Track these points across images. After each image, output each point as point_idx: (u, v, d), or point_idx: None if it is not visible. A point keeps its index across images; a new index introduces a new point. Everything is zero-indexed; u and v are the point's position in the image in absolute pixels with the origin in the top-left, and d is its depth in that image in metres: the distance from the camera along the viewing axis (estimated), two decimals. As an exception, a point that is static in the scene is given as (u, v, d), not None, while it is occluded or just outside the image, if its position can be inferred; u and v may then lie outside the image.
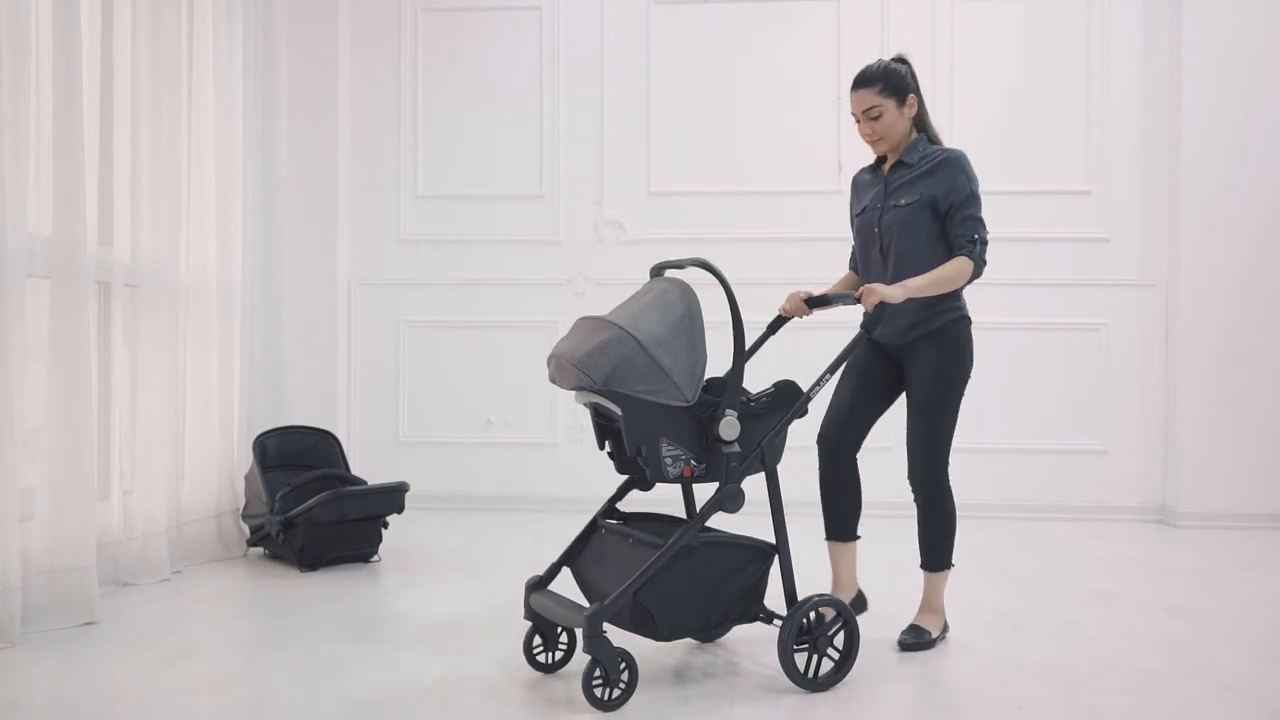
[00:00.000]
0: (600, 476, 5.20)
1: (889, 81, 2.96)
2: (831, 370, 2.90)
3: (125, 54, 3.63)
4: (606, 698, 2.37)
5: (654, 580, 2.43)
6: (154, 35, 3.74)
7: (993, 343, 5.13)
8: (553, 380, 2.58)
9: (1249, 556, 4.21)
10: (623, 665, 2.39)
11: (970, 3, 5.16)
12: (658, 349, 2.48)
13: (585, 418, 5.26)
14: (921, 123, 3.06)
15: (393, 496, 3.97)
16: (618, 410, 2.46)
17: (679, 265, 2.80)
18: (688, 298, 2.65)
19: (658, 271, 2.89)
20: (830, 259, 5.21)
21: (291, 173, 5.08)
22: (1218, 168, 4.92)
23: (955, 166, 2.94)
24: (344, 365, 5.30)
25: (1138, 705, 2.42)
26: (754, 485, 2.68)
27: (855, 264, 3.23)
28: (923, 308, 2.90)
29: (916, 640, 2.89)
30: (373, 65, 5.35)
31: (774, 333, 3.20)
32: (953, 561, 3.01)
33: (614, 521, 2.80)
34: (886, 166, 3.07)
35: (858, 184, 3.21)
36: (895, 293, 2.77)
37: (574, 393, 2.54)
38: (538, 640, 2.66)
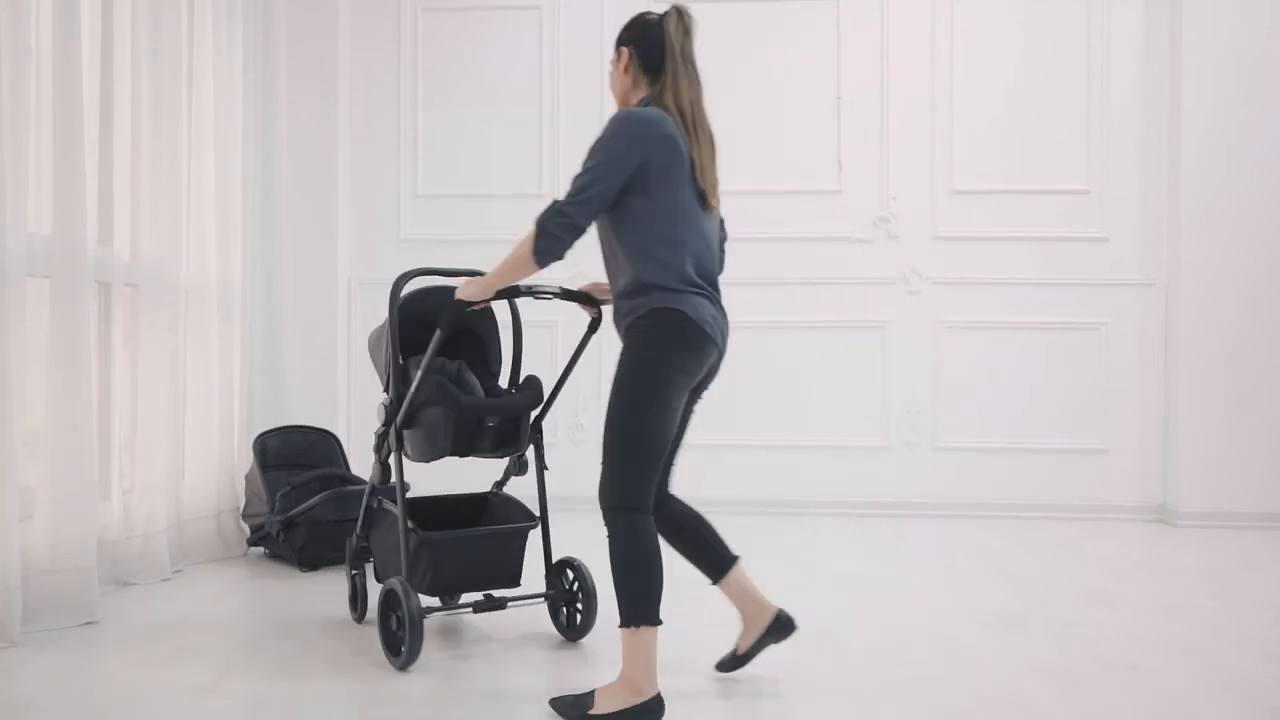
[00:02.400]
0: (598, 476, 5.21)
1: (620, 37, 2.64)
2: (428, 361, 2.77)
3: (125, 54, 3.63)
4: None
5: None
6: (154, 35, 3.74)
7: (993, 343, 5.16)
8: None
9: (1249, 556, 4.21)
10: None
11: (970, 3, 5.16)
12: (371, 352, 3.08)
13: (585, 418, 5.26)
14: (659, 87, 2.59)
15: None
16: None
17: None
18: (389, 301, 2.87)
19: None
20: (830, 259, 5.25)
21: (291, 173, 5.09)
22: (1218, 167, 4.92)
23: (602, 131, 2.51)
24: (344, 365, 5.30)
25: (1138, 705, 2.42)
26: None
27: None
28: (619, 303, 2.48)
29: (566, 705, 2.32)
30: (373, 65, 5.35)
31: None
32: (656, 619, 2.30)
33: None
34: None
35: None
36: (471, 289, 2.56)
37: None
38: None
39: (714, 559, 2.65)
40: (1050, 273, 5.12)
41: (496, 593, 2.92)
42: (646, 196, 2.41)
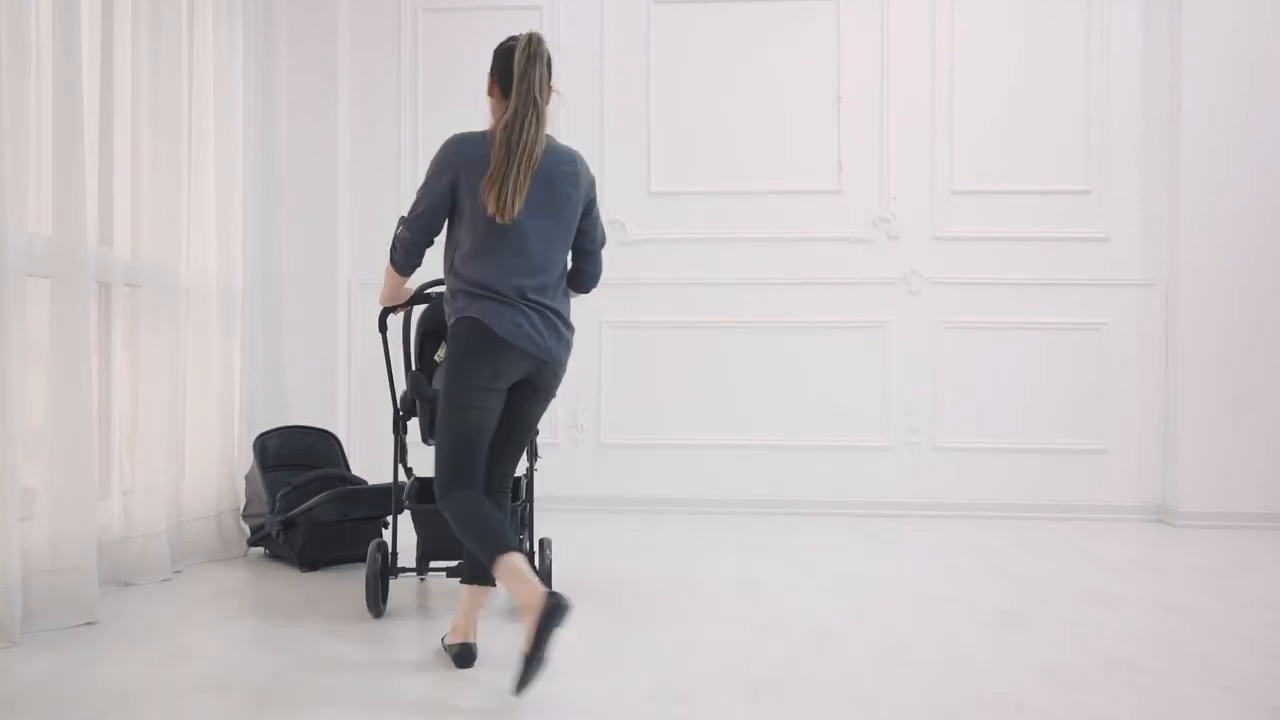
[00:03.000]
0: (598, 476, 5.22)
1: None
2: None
3: (125, 54, 3.63)
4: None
5: None
6: (154, 35, 3.74)
7: (994, 343, 5.16)
8: None
9: (1249, 556, 4.21)
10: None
11: (970, 3, 5.16)
12: None
13: (584, 418, 5.26)
14: (503, 110, 2.75)
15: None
16: None
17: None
18: None
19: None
20: (830, 259, 5.25)
21: (291, 173, 5.09)
22: (1218, 167, 4.92)
23: None
24: (344, 365, 5.30)
25: (1138, 705, 2.42)
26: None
27: None
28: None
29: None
30: (373, 65, 5.35)
31: None
32: (491, 580, 2.68)
33: None
34: None
35: None
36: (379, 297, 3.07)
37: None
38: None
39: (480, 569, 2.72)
40: (1050, 273, 5.12)
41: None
42: (458, 213, 2.67)
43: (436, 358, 3.42)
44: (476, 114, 5.31)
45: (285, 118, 5.04)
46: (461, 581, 2.76)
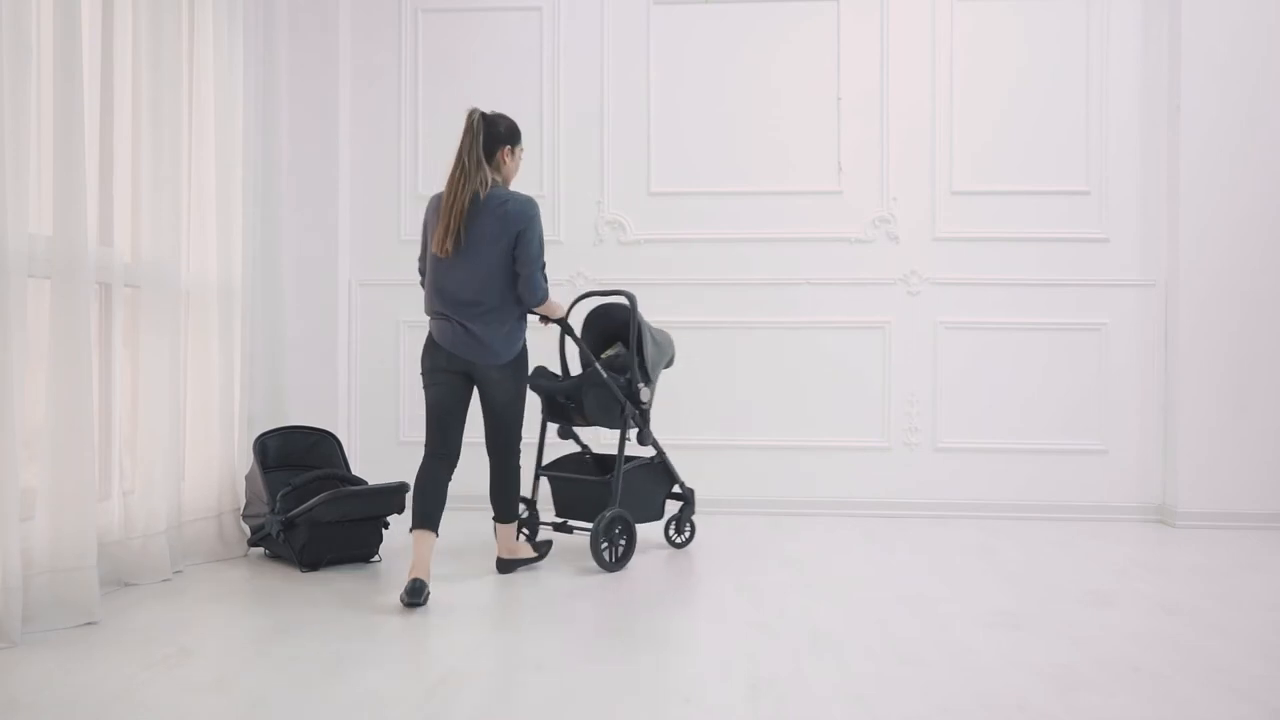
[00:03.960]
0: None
1: None
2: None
3: (125, 54, 3.63)
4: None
5: None
6: (154, 35, 3.74)
7: (994, 343, 5.16)
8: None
9: (1249, 556, 4.22)
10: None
11: (970, 3, 5.16)
12: None
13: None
14: None
15: (393, 497, 3.97)
16: None
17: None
18: None
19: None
20: (830, 259, 5.25)
21: (292, 173, 5.09)
22: (1218, 168, 4.92)
23: None
24: (344, 365, 5.30)
25: (1138, 705, 2.42)
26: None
27: None
28: None
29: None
30: (373, 65, 5.35)
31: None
32: (421, 525, 3.48)
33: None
34: None
35: None
36: None
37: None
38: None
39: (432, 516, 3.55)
40: (1050, 273, 5.12)
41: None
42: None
43: (605, 355, 4.15)
44: (476, 114, 5.34)
45: (285, 118, 5.04)
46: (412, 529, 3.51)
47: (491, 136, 3.56)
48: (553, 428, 4.17)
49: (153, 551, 3.64)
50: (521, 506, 4.03)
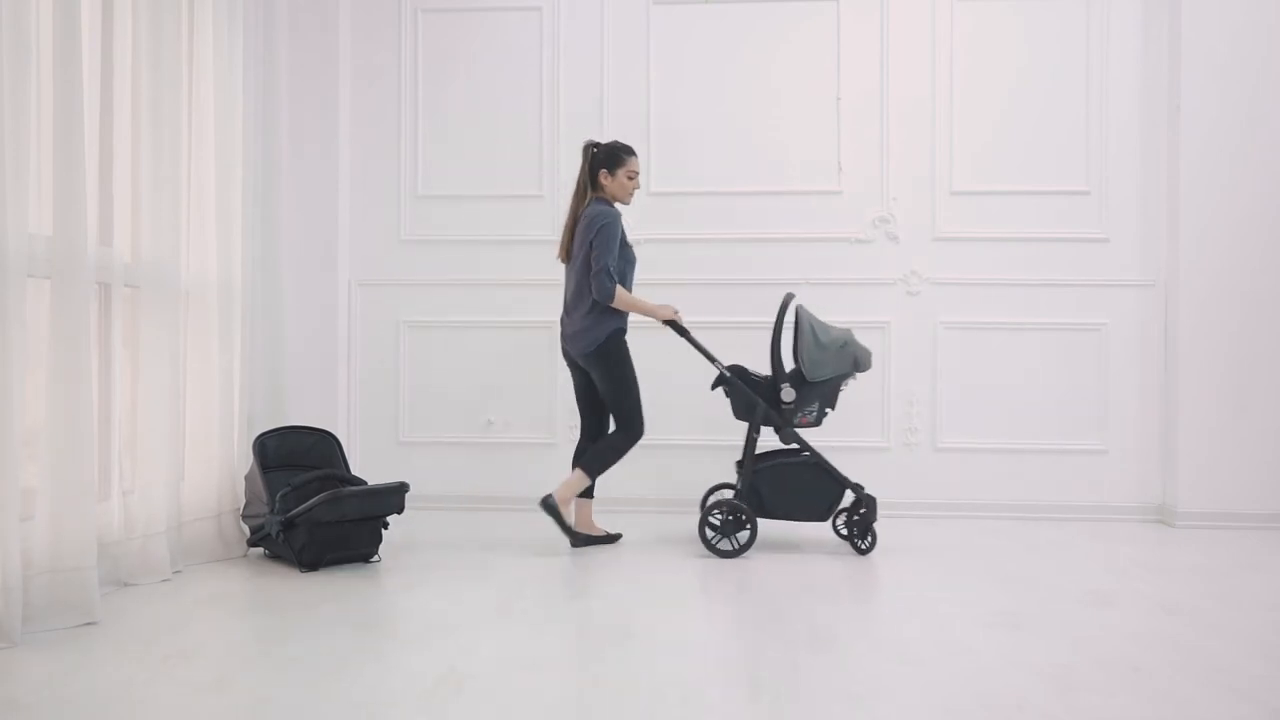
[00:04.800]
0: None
1: None
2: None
3: (125, 54, 3.63)
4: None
5: None
6: (154, 35, 3.74)
7: (992, 342, 5.16)
8: (863, 366, 4.20)
9: (1249, 556, 4.22)
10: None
11: (970, 3, 5.16)
12: None
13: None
14: None
15: (393, 497, 3.97)
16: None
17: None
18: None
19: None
20: (830, 259, 5.25)
21: (292, 173, 5.09)
22: (1218, 168, 4.92)
23: None
24: (344, 365, 5.30)
25: (1138, 705, 2.42)
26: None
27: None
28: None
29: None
30: (373, 65, 5.35)
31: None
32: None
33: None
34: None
35: (622, 225, 4.27)
36: None
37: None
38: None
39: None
40: (1050, 273, 5.12)
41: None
42: None
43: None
44: (476, 114, 5.37)
45: (285, 118, 5.04)
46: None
47: (593, 162, 4.28)
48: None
49: (153, 551, 3.64)
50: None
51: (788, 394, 4.14)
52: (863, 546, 4.17)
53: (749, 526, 4.10)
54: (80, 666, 2.68)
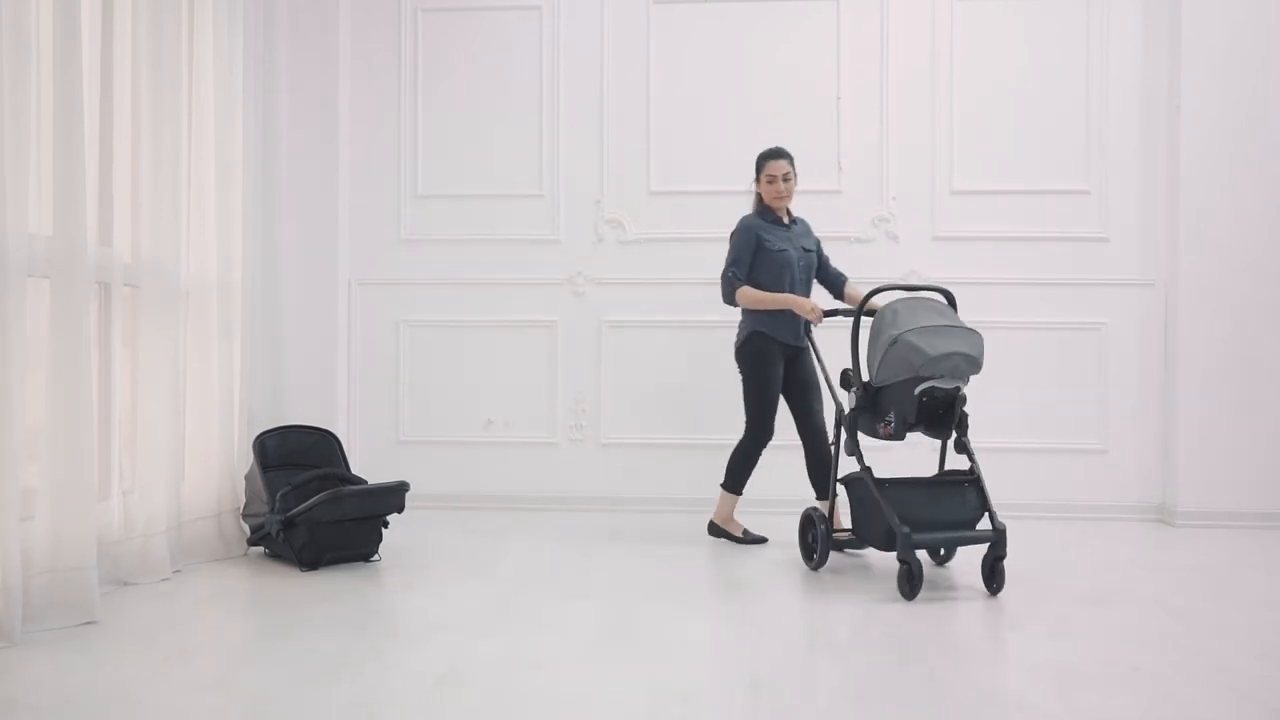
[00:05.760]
0: (598, 476, 5.22)
1: (791, 159, 4.33)
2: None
3: (125, 54, 3.64)
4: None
5: None
6: (154, 35, 3.74)
7: (992, 342, 5.13)
8: (952, 373, 3.48)
9: (1249, 556, 4.22)
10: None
11: (970, 3, 5.16)
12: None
13: (584, 418, 5.26)
14: None
15: (393, 496, 3.97)
16: (963, 389, 3.54)
17: (916, 289, 3.89)
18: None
19: (882, 290, 3.86)
20: (831, 259, 5.24)
21: (291, 172, 5.08)
22: (1218, 167, 4.92)
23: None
24: (344, 365, 5.30)
25: (1138, 705, 2.42)
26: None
27: (750, 282, 4.26)
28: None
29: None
30: (373, 65, 5.35)
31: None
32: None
33: (889, 479, 3.66)
34: (786, 221, 4.35)
35: (767, 229, 4.27)
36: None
37: (945, 380, 3.48)
38: (908, 575, 3.39)
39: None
40: (1050, 273, 5.12)
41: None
42: None
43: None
44: (476, 114, 5.37)
45: (285, 117, 5.03)
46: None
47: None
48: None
49: (152, 551, 3.64)
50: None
51: (843, 398, 3.89)
52: (990, 587, 3.53)
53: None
54: (80, 666, 2.68)
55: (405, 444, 5.32)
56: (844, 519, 4.15)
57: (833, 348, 4.36)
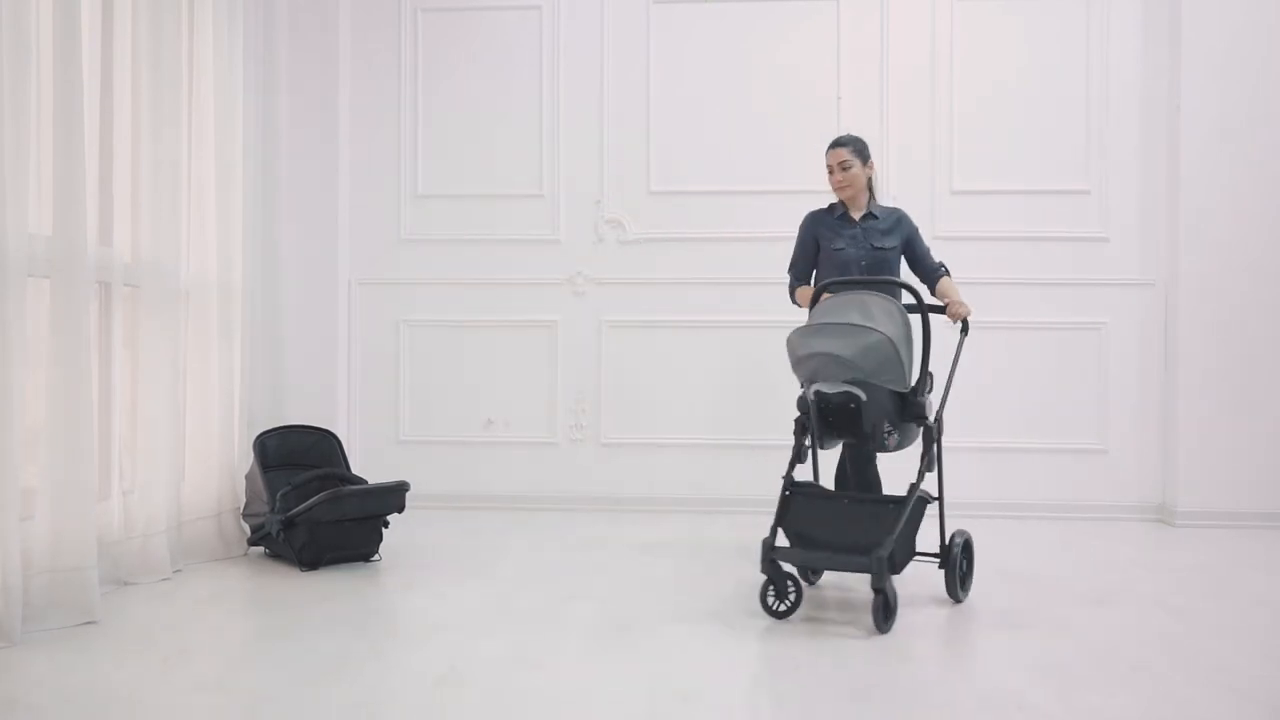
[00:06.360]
0: (598, 476, 5.22)
1: (857, 145, 3.89)
2: (954, 366, 3.61)
3: (125, 54, 3.64)
4: (890, 619, 2.99)
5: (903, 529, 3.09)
6: (154, 35, 3.74)
7: (993, 342, 5.15)
8: (813, 376, 3.18)
9: (1249, 556, 4.21)
10: (894, 598, 3.02)
11: (970, 3, 5.16)
12: (901, 348, 3.15)
13: (584, 418, 5.26)
14: (871, 186, 3.91)
15: (393, 496, 3.97)
16: (864, 397, 3.12)
17: (867, 284, 3.44)
18: (902, 309, 3.25)
19: (835, 288, 3.48)
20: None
21: (291, 172, 5.09)
22: (1217, 167, 4.92)
23: (910, 219, 3.91)
24: (344, 365, 5.30)
25: (1138, 705, 2.42)
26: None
27: (805, 281, 3.93)
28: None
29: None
30: (373, 65, 5.35)
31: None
32: None
33: (805, 489, 3.34)
34: (857, 216, 3.87)
35: (823, 224, 3.91)
36: (969, 308, 3.73)
37: (824, 384, 3.15)
38: (772, 592, 3.14)
39: None
40: (1050, 273, 5.12)
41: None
42: None
43: None
44: (476, 113, 5.36)
45: (285, 118, 5.04)
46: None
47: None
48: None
49: (152, 551, 3.64)
50: None
51: (930, 408, 3.36)
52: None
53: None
54: (80, 666, 2.69)
55: (405, 444, 5.32)
56: None
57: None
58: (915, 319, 3.35)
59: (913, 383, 3.25)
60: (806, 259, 3.93)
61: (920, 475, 3.26)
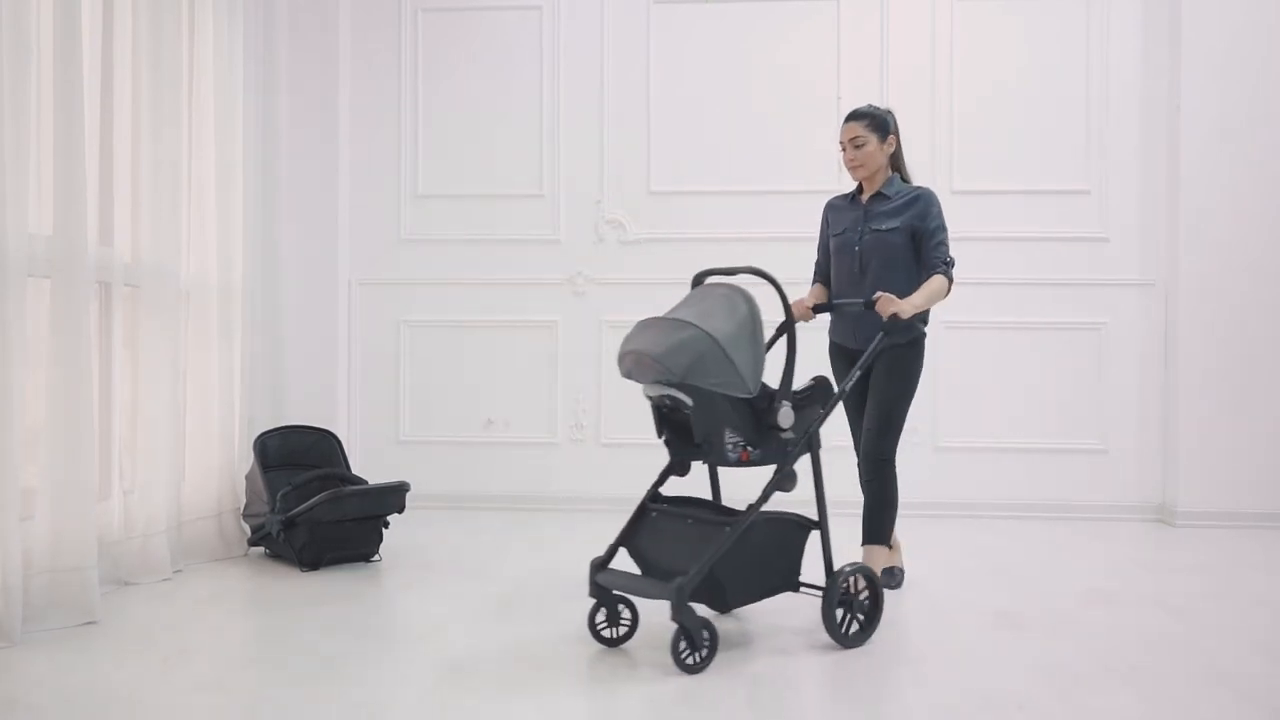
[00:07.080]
0: (598, 476, 5.22)
1: (874, 119, 3.46)
2: (861, 368, 3.20)
3: (125, 54, 3.64)
4: (694, 662, 2.59)
5: (727, 554, 2.68)
6: (154, 35, 3.74)
7: (992, 342, 5.15)
8: (628, 375, 2.85)
9: (1249, 556, 4.22)
10: (705, 632, 2.61)
11: (970, 3, 5.15)
12: (729, 346, 2.72)
13: (584, 418, 5.26)
14: (897, 164, 3.54)
15: (393, 496, 3.97)
16: (689, 401, 2.71)
17: (730, 272, 3.01)
18: (749, 301, 2.83)
19: (702, 278, 3.11)
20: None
21: (291, 172, 5.08)
22: (1217, 167, 4.92)
23: (929, 200, 3.47)
24: (344, 365, 5.30)
25: (1138, 705, 2.42)
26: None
27: (821, 278, 3.69)
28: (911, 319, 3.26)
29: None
30: (373, 65, 5.35)
31: (780, 336, 3.12)
32: (889, 542, 3.48)
33: (663, 505, 2.98)
34: (865, 196, 3.52)
35: (834, 209, 3.63)
36: (907, 306, 3.20)
37: (645, 385, 2.82)
38: (601, 615, 2.86)
39: None
40: (1050, 273, 5.12)
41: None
42: None
43: None
44: (476, 113, 5.36)
45: (285, 118, 5.04)
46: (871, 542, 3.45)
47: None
48: None
49: (153, 551, 3.64)
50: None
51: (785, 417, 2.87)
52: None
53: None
54: (80, 666, 2.69)
55: (405, 444, 5.31)
56: None
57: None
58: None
59: (755, 387, 2.79)
60: (822, 251, 3.65)
61: (764, 493, 2.80)
